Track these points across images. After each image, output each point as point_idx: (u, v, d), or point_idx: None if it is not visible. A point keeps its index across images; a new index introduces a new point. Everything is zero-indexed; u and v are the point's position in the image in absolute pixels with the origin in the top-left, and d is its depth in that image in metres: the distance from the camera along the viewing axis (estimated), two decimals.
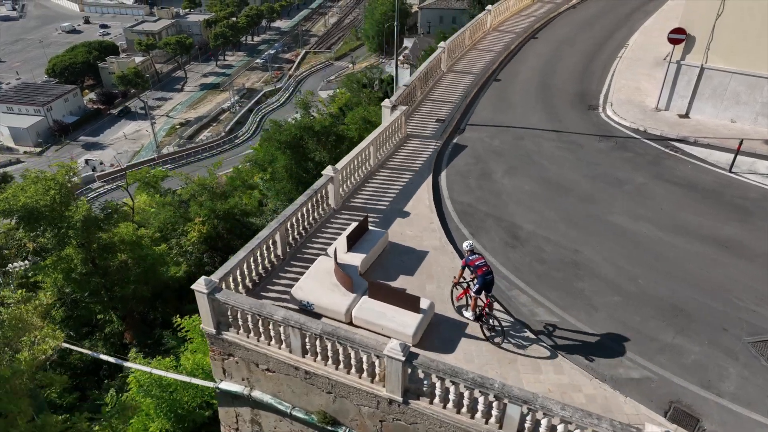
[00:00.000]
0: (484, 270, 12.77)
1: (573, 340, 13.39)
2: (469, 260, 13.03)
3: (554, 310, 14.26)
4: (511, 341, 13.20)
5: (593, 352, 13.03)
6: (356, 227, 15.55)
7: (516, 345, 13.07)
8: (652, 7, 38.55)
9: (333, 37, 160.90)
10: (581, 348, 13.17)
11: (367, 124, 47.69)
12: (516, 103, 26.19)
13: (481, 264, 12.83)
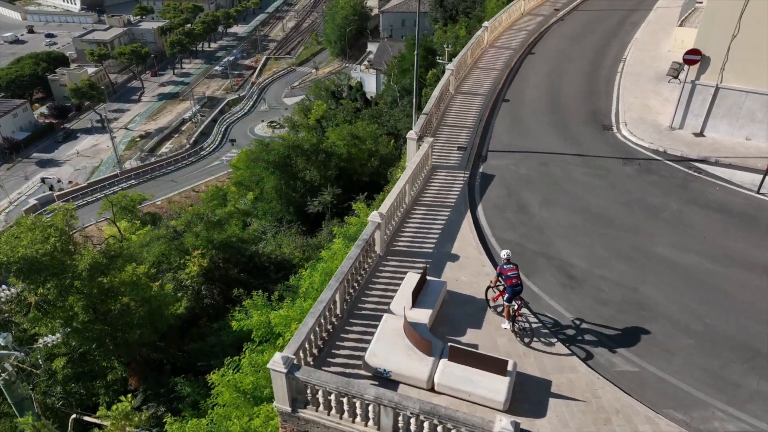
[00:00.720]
0: (513, 281, 13.83)
1: (659, 392, 13.04)
2: (503, 269, 14.04)
3: (631, 359, 13.91)
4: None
5: (683, 405, 12.71)
6: (418, 280, 14.81)
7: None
8: (637, 18, 39.14)
9: (292, 42, 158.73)
10: (669, 399, 12.84)
11: (355, 140, 46.90)
12: (530, 125, 25.90)
13: (513, 275, 13.86)
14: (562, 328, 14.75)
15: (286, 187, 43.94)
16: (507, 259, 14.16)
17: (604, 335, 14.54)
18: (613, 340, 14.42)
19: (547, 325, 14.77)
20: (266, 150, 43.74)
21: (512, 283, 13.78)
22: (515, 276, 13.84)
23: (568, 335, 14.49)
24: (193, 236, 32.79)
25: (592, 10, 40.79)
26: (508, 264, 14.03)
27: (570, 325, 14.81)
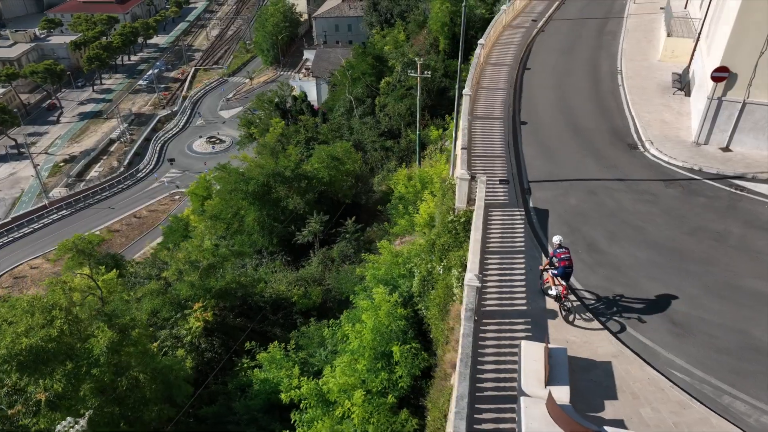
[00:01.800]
0: (565, 263, 15.44)
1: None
2: (556, 252, 15.61)
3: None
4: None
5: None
6: (543, 351, 13.44)
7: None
8: (613, 27, 39.62)
9: (219, 51, 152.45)
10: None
11: (335, 162, 44.84)
12: (558, 148, 25.14)
13: (565, 257, 15.45)
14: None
15: (269, 217, 41.26)
16: (559, 243, 15.76)
17: (743, 392, 13.74)
18: (754, 396, 13.65)
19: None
20: (244, 180, 40.80)
21: (564, 265, 15.43)
22: (567, 258, 15.41)
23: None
24: (188, 287, 29.74)
25: (567, 19, 40.89)
26: (560, 248, 15.60)
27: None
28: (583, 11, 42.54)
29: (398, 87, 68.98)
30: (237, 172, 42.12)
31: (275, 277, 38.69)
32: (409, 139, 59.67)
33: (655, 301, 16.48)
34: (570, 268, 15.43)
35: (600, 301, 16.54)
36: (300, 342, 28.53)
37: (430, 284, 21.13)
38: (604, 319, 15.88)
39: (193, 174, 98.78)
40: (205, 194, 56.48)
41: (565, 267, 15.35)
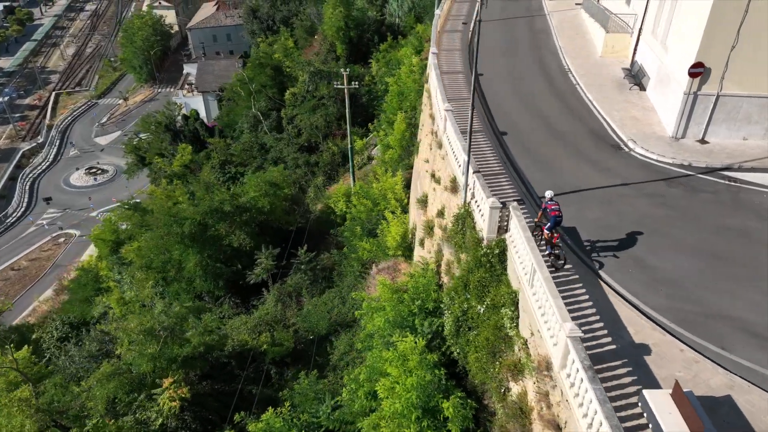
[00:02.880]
0: (555, 213, 17.32)
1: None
2: (547, 204, 17.53)
3: None
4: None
5: None
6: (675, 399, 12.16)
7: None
8: (541, 25, 40.13)
9: (80, 71, 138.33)
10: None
11: (274, 188, 41.30)
12: (549, 158, 24.33)
13: (554, 209, 17.35)
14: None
15: (211, 259, 36.92)
16: (550, 197, 17.64)
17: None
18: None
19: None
20: (177, 221, 36.09)
21: (554, 215, 17.31)
22: (557, 209, 17.33)
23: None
24: (148, 360, 25.30)
25: (494, 20, 40.64)
26: (550, 201, 17.53)
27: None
28: (506, 11, 42.63)
29: (308, 98, 66.00)
30: (167, 212, 37.22)
31: (231, 325, 34.77)
32: (332, 152, 57.15)
33: (729, 317, 15.91)
34: (560, 218, 17.40)
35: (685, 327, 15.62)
36: (295, 401, 25.40)
37: (467, 325, 19.27)
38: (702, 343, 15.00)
39: (77, 212, 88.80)
40: (113, 238, 50.13)
41: (555, 217, 17.33)
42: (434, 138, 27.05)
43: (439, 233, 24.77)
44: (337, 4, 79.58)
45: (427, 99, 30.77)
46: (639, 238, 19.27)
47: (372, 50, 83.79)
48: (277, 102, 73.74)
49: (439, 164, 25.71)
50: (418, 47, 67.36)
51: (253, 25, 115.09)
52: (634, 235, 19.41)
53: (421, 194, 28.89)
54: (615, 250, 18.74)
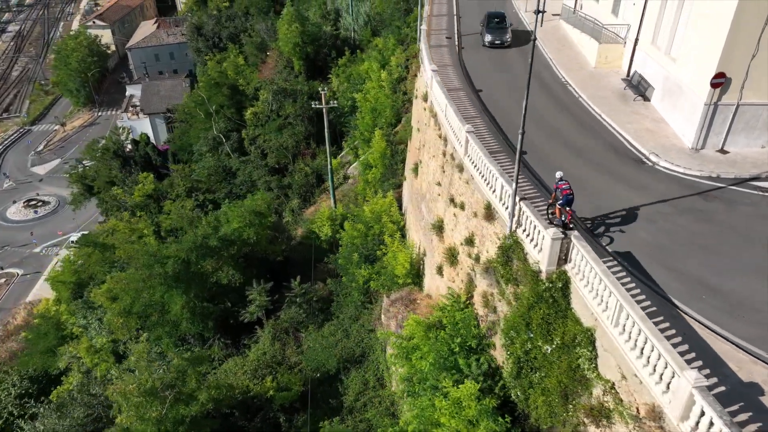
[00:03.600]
0: (567, 192, 18.42)
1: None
2: (558, 184, 18.64)
3: None
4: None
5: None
6: None
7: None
8: None
9: (6, 96, 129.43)
10: None
11: (259, 217, 38.74)
12: (578, 176, 22.91)
13: (566, 188, 18.46)
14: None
15: (198, 299, 33.97)
16: (560, 177, 18.80)
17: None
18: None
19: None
20: (158, 261, 32.96)
21: (566, 194, 18.43)
22: (568, 188, 18.47)
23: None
24: (152, 425, 22.46)
25: (475, 33, 39.84)
26: (561, 180, 18.66)
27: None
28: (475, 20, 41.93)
29: (273, 117, 63.50)
30: (144, 251, 34.02)
31: (225, 369, 32.05)
32: (305, 173, 54.95)
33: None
34: (571, 196, 18.41)
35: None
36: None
37: (530, 366, 17.81)
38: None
39: (18, 248, 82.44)
40: (74, 279, 46.07)
41: (567, 195, 18.35)
42: (449, 160, 25.63)
43: (468, 262, 23.30)
44: (293, 20, 77.50)
45: (431, 118, 29.35)
46: (697, 259, 18.42)
47: (330, 65, 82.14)
48: (237, 122, 70.77)
49: (460, 188, 24.27)
50: (381, 61, 66.33)
51: (198, 42, 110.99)
52: (691, 256, 18.56)
53: (435, 219, 27.35)
54: (678, 273, 17.80)
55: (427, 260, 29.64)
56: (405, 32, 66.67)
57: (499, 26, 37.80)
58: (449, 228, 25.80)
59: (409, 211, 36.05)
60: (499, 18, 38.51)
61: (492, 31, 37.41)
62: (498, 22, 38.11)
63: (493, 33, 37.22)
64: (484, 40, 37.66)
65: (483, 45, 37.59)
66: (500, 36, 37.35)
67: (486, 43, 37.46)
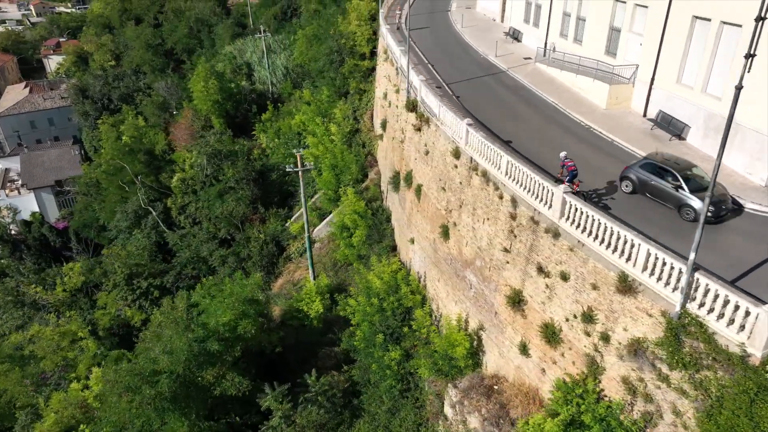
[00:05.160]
0: (572, 168, 22.53)
1: None
2: (564, 161, 22.62)
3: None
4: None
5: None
6: None
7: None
8: (511, 82, 38.26)
9: None
10: None
11: (253, 305, 32.89)
12: (677, 229, 21.36)
13: (571, 165, 22.51)
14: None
15: (199, 418, 27.27)
16: (565, 156, 22.80)
17: None
18: None
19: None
20: (146, 380, 26.06)
21: (572, 170, 22.51)
22: (573, 165, 22.49)
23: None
24: None
25: (462, 81, 37.90)
26: (566, 159, 22.67)
27: None
28: (462, 71, 40.19)
29: (209, 182, 57.04)
30: (130, 372, 26.85)
31: None
32: (261, 240, 49.31)
33: None
34: (576, 171, 22.60)
35: None
36: None
37: None
38: None
39: None
40: None
41: (572, 171, 22.54)
42: (528, 225, 22.58)
43: (584, 341, 20.17)
44: (209, 76, 71.75)
45: (472, 177, 26.21)
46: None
47: (252, 121, 76.99)
48: (161, 191, 63.05)
49: (555, 256, 21.23)
50: (318, 113, 62.87)
51: (85, 105, 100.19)
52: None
53: (508, 291, 23.99)
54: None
55: (490, 336, 26.07)
56: (339, 83, 63.92)
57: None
58: (537, 301, 22.55)
59: (431, 278, 32.36)
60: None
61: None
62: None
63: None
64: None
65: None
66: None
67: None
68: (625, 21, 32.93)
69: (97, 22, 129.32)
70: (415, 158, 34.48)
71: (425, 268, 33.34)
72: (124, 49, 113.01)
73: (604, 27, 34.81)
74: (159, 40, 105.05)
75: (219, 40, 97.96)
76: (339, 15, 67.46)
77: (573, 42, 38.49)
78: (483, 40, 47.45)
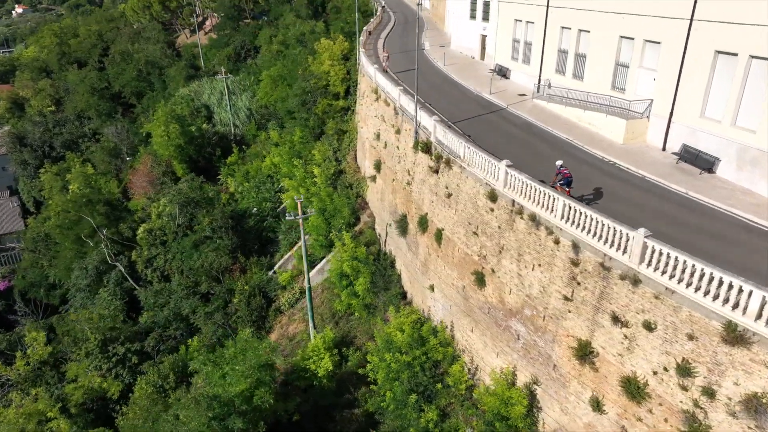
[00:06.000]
0: (567, 175, 24.29)
1: None
2: (560, 170, 24.43)
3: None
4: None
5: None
6: None
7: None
8: (516, 120, 37.59)
9: None
10: None
11: (268, 371, 29.69)
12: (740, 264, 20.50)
13: (566, 172, 24.31)
14: None
15: None
16: (561, 164, 24.71)
17: None
18: None
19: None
20: None
21: (567, 177, 24.21)
22: (568, 172, 24.30)
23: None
24: None
25: (465, 120, 36.91)
26: (562, 167, 24.50)
27: None
28: (461, 109, 39.26)
29: (181, 233, 53.10)
30: None
31: None
32: (247, 293, 45.96)
33: None
34: (571, 178, 24.24)
35: None
36: None
37: None
38: None
39: None
40: None
41: (568, 178, 24.22)
42: (595, 270, 21.15)
43: (680, 397, 18.66)
44: (170, 121, 68.16)
45: (511, 221, 24.72)
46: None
47: (217, 165, 73.55)
48: (123, 243, 58.29)
49: (634, 303, 19.82)
50: (292, 154, 60.64)
51: (24, 154, 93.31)
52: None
53: (573, 343, 22.30)
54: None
55: (548, 391, 24.21)
56: (313, 124, 62.01)
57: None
58: (612, 353, 20.96)
59: (461, 328, 30.33)
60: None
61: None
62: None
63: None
64: None
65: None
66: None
67: None
68: (633, 57, 32.97)
69: (33, 66, 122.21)
70: (432, 201, 32.78)
71: (452, 318, 31.31)
72: (66, 93, 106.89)
73: (609, 63, 34.82)
74: (105, 84, 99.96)
75: (172, 82, 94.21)
76: (308, 55, 65.95)
77: (572, 78, 38.42)
78: (471, 78, 47.04)
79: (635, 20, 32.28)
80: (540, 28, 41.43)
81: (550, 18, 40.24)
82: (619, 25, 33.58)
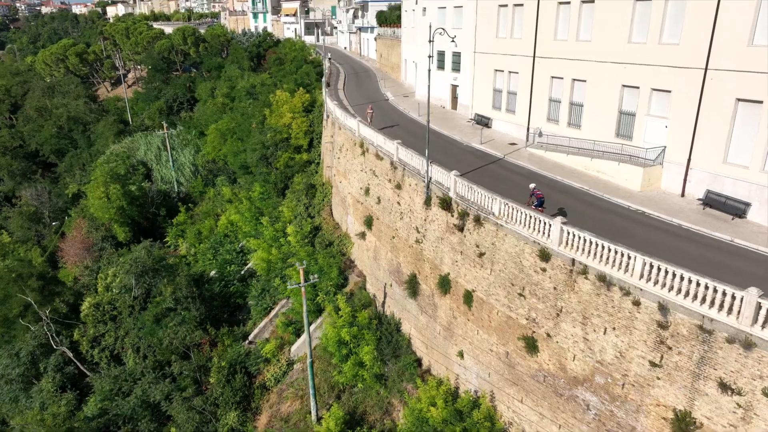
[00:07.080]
0: (540, 196, 27.02)
1: None
2: (534, 191, 27.23)
3: None
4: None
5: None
6: None
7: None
8: (519, 170, 36.56)
9: None
10: None
11: None
12: None
13: (539, 193, 27.10)
14: None
15: None
16: (534, 187, 27.59)
17: None
18: None
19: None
20: None
21: (540, 197, 26.96)
22: (541, 193, 27.15)
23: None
24: None
25: (471, 171, 35.43)
26: (536, 189, 27.32)
27: None
28: (459, 161, 37.75)
29: (138, 306, 47.11)
30: None
31: None
32: (227, 370, 41.07)
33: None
34: (543, 198, 27.07)
35: None
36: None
37: None
38: None
39: None
40: None
41: (541, 198, 26.98)
42: (711, 336, 19.58)
43: None
44: (110, 181, 62.11)
45: (573, 282, 22.93)
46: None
47: (163, 225, 67.61)
48: (62, 322, 51.05)
49: (761, 370, 18.31)
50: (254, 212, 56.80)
51: None
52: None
53: (668, 413, 20.37)
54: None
55: None
56: (275, 179, 58.58)
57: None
58: (721, 423, 19.20)
59: (506, 398, 27.72)
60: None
61: None
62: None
63: None
64: None
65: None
66: None
67: None
68: (640, 105, 33.07)
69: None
70: (455, 261, 30.50)
71: (492, 387, 28.68)
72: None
73: (611, 111, 34.83)
74: (19, 142, 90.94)
75: (99, 138, 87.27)
76: (263, 108, 62.95)
77: (567, 126, 38.23)
78: (453, 128, 46.13)
79: (639, 69, 32.53)
80: (526, 77, 41.34)
81: (537, 68, 40.24)
82: (621, 74, 33.76)
